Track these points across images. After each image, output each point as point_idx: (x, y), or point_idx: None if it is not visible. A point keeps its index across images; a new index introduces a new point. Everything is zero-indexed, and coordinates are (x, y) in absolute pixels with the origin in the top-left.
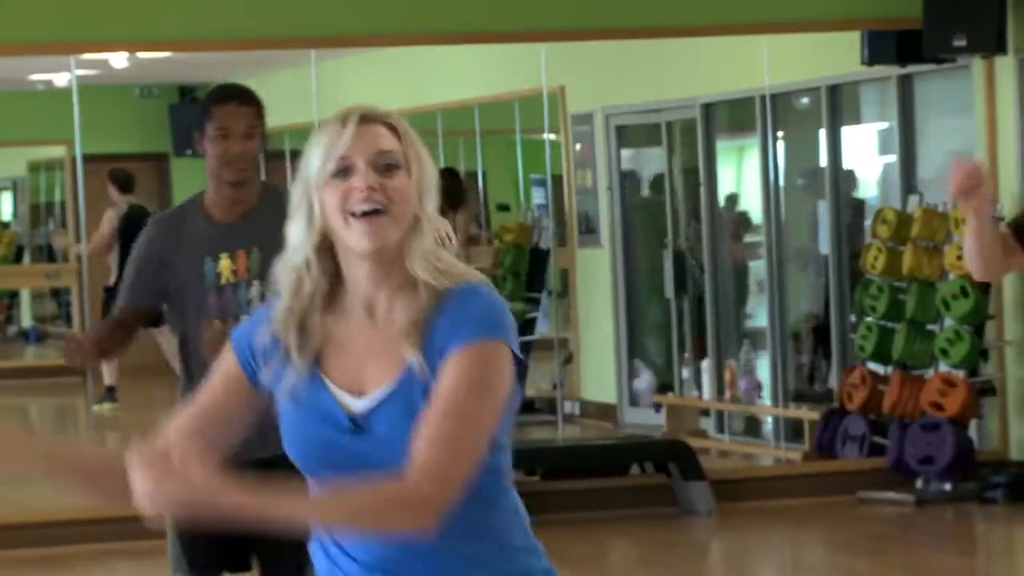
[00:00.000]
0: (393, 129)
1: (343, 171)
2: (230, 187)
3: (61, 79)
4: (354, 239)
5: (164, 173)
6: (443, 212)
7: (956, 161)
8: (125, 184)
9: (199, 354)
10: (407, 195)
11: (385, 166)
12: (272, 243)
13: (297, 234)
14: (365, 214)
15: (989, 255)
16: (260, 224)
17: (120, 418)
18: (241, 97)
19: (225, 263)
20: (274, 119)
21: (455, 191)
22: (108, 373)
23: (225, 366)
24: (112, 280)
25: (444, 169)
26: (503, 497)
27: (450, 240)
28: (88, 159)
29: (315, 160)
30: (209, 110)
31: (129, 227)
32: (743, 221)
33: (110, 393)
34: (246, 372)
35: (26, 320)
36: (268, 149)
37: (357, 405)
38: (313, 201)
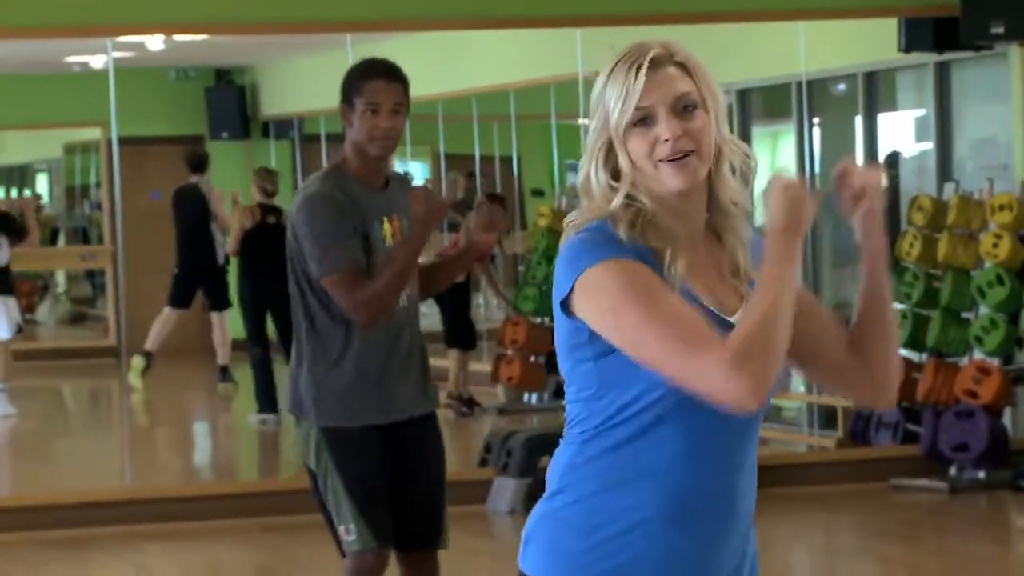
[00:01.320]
0: (683, 67)
1: (644, 119)
2: (375, 160)
3: (97, 61)
4: (667, 181)
5: (201, 153)
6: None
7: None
8: (197, 164)
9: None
10: (709, 133)
11: (683, 108)
12: (406, 211)
13: (601, 178)
14: (674, 159)
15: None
16: (396, 193)
17: (155, 400)
18: (390, 73)
19: (387, 227)
20: (310, 103)
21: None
22: (153, 339)
23: (639, 274)
24: (176, 263)
25: (496, 195)
26: None
27: (748, 168)
28: (124, 141)
29: (614, 108)
30: (359, 85)
31: (180, 205)
32: None
33: (147, 356)
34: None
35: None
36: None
37: (734, 320)
38: (618, 149)
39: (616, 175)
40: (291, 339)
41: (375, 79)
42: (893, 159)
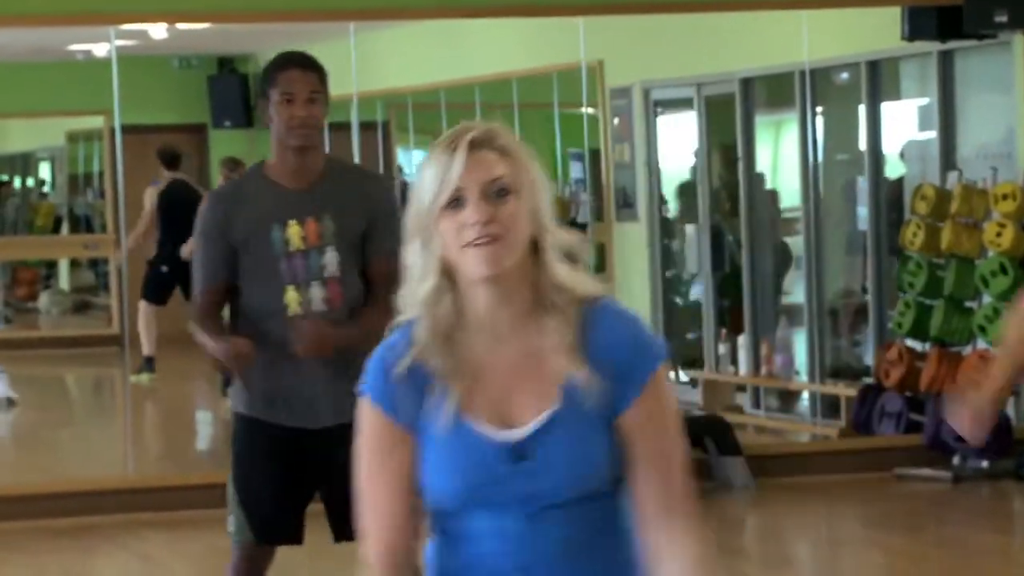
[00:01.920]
0: (502, 151)
1: (455, 200)
2: (295, 153)
3: (100, 49)
4: (472, 266)
5: (202, 144)
6: None
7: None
8: (172, 160)
9: (256, 322)
10: (520, 220)
11: (497, 192)
12: (343, 211)
13: (417, 262)
14: (479, 244)
15: None
16: (330, 192)
17: (158, 389)
18: (303, 63)
19: (294, 230)
20: None
21: None
22: (147, 343)
23: (375, 430)
24: (154, 254)
25: None
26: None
27: (578, 255)
28: (127, 130)
29: (428, 190)
30: (273, 77)
31: (171, 202)
32: (773, 198)
33: (148, 363)
34: (392, 418)
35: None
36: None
37: (514, 435)
38: (432, 231)
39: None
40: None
41: (289, 69)
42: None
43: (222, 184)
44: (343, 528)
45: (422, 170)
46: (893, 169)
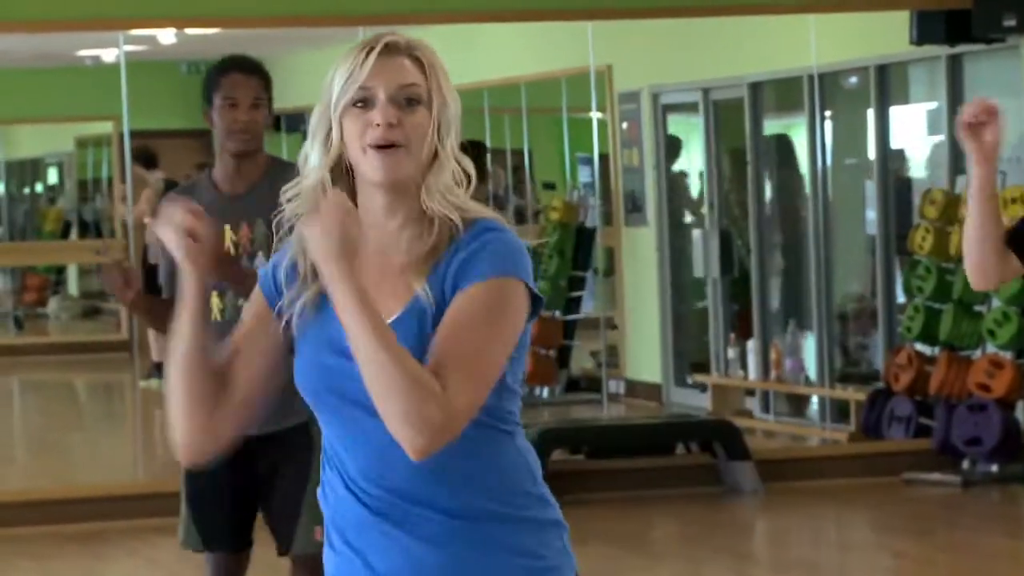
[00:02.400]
0: (418, 61)
1: (363, 100)
2: (233, 158)
3: (109, 55)
4: (369, 170)
5: (210, 149)
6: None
7: (976, 99)
8: (149, 160)
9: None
10: (426, 131)
11: (406, 100)
12: (276, 217)
13: (313, 157)
14: (381, 147)
15: (989, 260)
16: (265, 196)
17: (163, 394)
18: (246, 67)
19: (227, 235)
20: (320, 96)
21: (478, 165)
22: (156, 350)
23: (256, 304)
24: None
25: (470, 142)
26: (510, 444)
27: (469, 178)
28: (135, 135)
29: (336, 85)
30: (216, 80)
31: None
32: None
33: (157, 369)
34: (271, 306)
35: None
36: (272, 123)
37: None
38: (332, 126)
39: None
40: None
41: (233, 72)
42: (902, 154)
43: (180, 185)
44: (287, 538)
45: (335, 69)
46: (916, 170)
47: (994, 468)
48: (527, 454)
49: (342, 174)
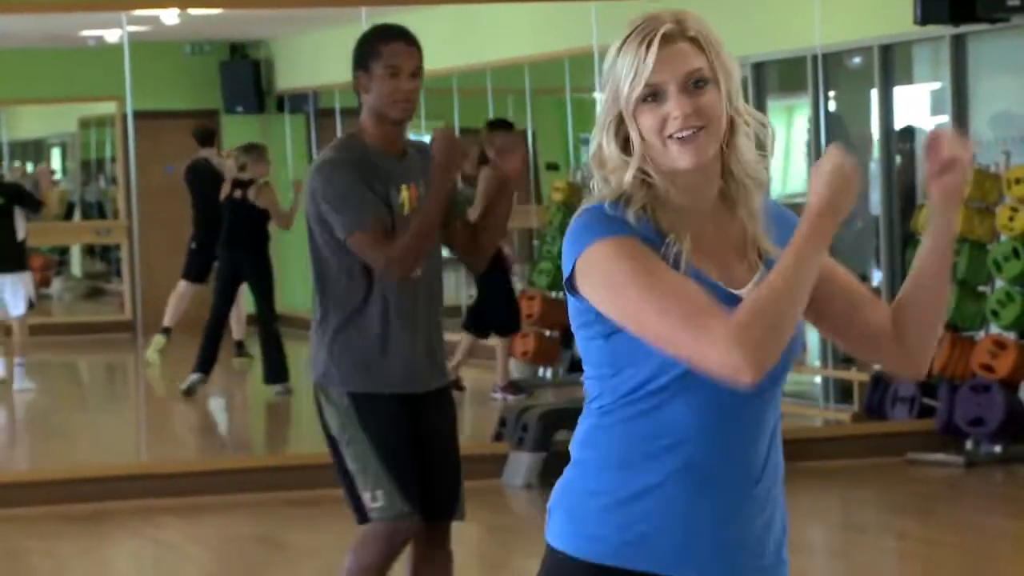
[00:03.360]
0: (695, 42)
1: (654, 95)
2: (394, 124)
3: (112, 36)
4: (676, 158)
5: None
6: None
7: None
8: (204, 138)
9: (370, 287)
10: (720, 108)
11: (694, 84)
12: (428, 178)
13: (610, 152)
14: (683, 136)
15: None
16: (417, 160)
17: (173, 374)
18: (408, 37)
19: (406, 193)
20: (325, 77)
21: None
22: (169, 315)
23: (631, 251)
24: (192, 237)
25: (499, 120)
26: None
27: (766, 128)
28: (139, 116)
29: (624, 82)
30: (377, 49)
31: (194, 179)
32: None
33: (165, 331)
34: (641, 242)
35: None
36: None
37: (742, 294)
38: (628, 124)
39: (627, 149)
40: (266, 313)
41: (395, 42)
42: (908, 134)
43: (335, 153)
44: (447, 502)
45: (613, 61)
46: (920, 150)
47: (997, 448)
48: None
49: (642, 162)
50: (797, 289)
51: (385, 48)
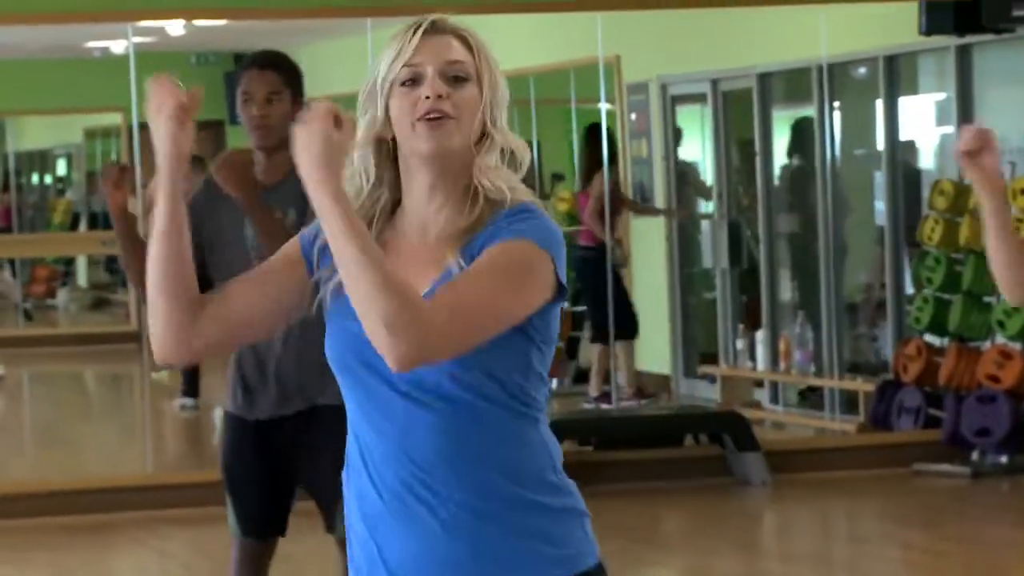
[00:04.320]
0: (464, 41)
1: (412, 79)
2: (260, 151)
3: (118, 46)
4: (419, 142)
5: (220, 140)
6: (590, 174)
7: (966, 126)
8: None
9: None
10: (475, 107)
11: (454, 77)
12: (307, 206)
13: (361, 136)
14: (431, 120)
15: (1021, 278)
16: (294, 187)
17: (177, 385)
18: (263, 62)
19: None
20: (329, 87)
21: (594, 152)
22: None
23: (287, 248)
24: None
25: (592, 126)
26: (533, 429)
27: (523, 161)
28: (144, 127)
29: (383, 65)
30: (239, 76)
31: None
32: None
33: None
34: (305, 259)
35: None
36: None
37: None
38: (379, 106)
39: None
40: None
41: (249, 68)
42: (912, 145)
43: (207, 176)
44: (332, 519)
45: (382, 50)
46: (925, 160)
47: (1003, 459)
48: (549, 442)
49: (385, 158)
50: (348, 258)
51: (242, 75)
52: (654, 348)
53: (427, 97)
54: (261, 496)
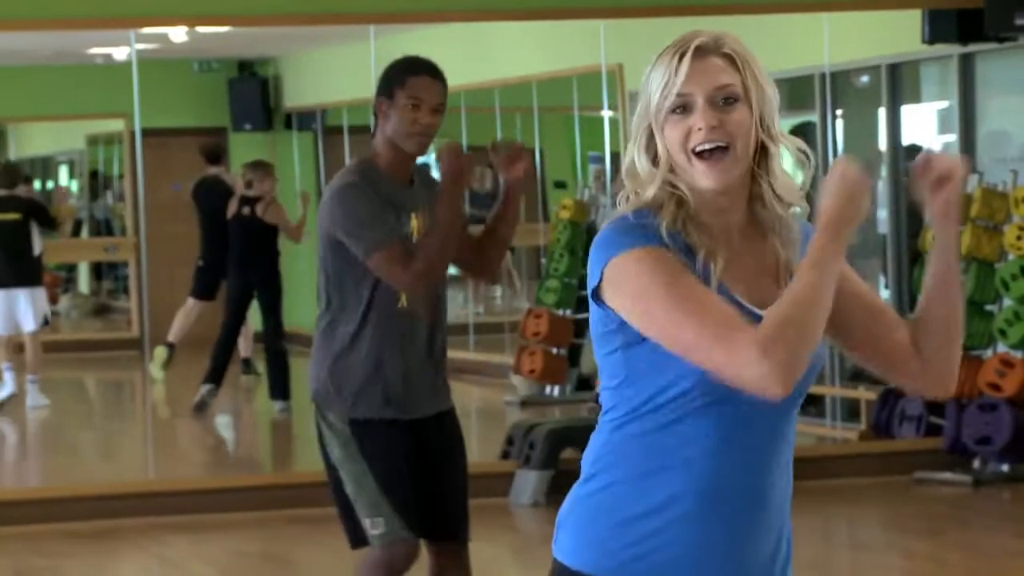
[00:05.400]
0: (730, 59)
1: (682, 107)
2: (408, 156)
3: (120, 53)
4: (698, 177)
5: (222, 147)
6: None
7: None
8: (213, 157)
9: (391, 304)
10: (748, 128)
11: (724, 100)
12: (431, 208)
13: (644, 167)
14: (707, 153)
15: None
16: (423, 189)
17: (180, 392)
18: (435, 72)
19: (415, 222)
20: (333, 94)
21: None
22: (174, 331)
23: (662, 263)
24: (200, 255)
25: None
26: None
27: (808, 157)
28: (147, 133)
29: (654, 94)
30: (403, 79)
31: (201, 197)
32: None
33: (170, 347)
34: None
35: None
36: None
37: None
38: (656, 136)
39: (657, 162)
40: (275, 330)
41: (421, 75)
42: (914, 152)
43: (352, 177)
44: (453, 524)
45: (649, 74)
46: None
47: (1005, 467)
48: None
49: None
50: (817, 300)
51: (411, 79)
52: None
53: (699, 129)
54: (416, 497)
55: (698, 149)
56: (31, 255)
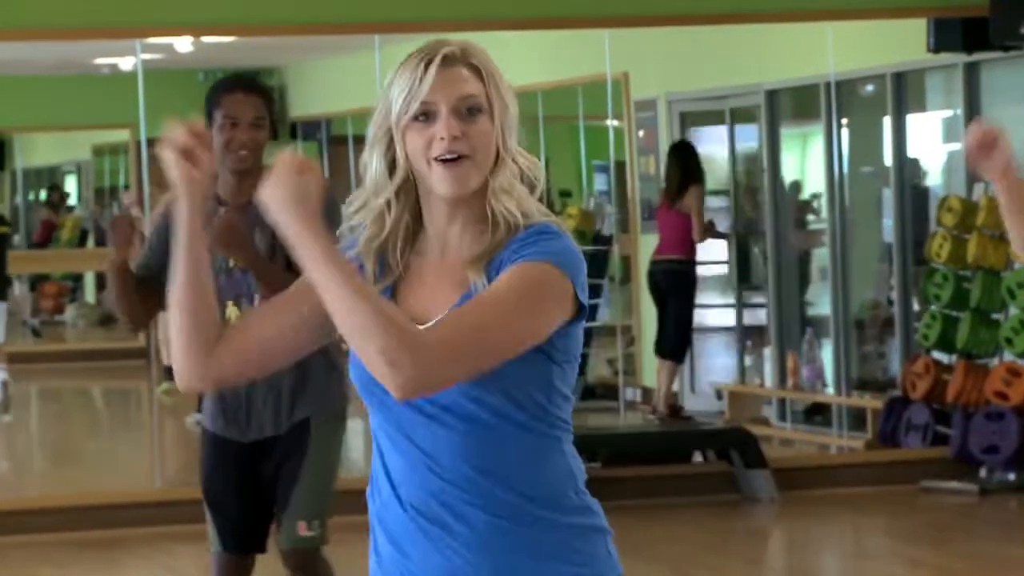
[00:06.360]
0: (475, 70)
1: (425, 115)
2: (233, 174)
3: (126, 63)
4: (436, 184)
5: None
6: (681, 188)
7: (974, 124)
8: None
9: None
10: (489, 140)
11: (468, 110)
12: (263, 229)
13: (377, 172)
14: (447, 160)
15: None
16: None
17: (184, 401)
18: (248, 86)
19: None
20: (337, 104)
21: (687, 167)
22: (167, 353)
23: (305, 278)
24: None
25: (680, 143)
26: (556, 448)
27: (536, 179)
28: (152, 143)
29: (397, 100)
30: (217, 98)
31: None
32: (807, 208)
33: (169, 373)
34: None
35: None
36: (276, 136)
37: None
38: (395, 142)
39: (394, 170)
40: None
41: (234, 92)
42: (918, 162)
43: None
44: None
45: (392, 79)
46: (933, 177)
47: (1011, 476)
48: (572, 461)
49: (405, 183)
50: (333, 296)
51: (225, 97)
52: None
53: (442, 138)
54: (237, 513)
55: (440, 158)
56: None
